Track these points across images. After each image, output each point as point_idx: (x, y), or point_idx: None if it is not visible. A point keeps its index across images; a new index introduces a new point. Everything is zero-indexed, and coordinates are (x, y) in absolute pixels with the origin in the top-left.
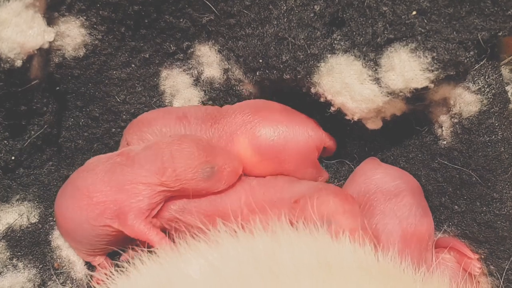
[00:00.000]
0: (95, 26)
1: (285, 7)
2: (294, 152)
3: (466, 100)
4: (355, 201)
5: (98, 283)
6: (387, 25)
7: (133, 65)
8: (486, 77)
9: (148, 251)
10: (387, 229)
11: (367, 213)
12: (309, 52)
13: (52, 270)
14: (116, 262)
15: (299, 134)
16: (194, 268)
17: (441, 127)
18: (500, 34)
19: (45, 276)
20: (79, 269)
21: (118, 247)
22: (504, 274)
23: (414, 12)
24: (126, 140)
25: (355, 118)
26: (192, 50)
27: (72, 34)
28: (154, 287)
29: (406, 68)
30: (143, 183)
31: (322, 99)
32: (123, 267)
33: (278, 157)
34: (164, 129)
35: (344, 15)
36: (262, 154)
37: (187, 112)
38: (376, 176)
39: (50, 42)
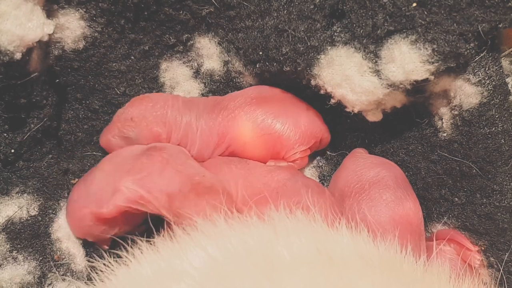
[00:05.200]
0: (94, 18)
1: None
2: (291, 131)
3: (467, 92)
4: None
5: None
6: (387, 17)
7: (132, 57)
8: (487, 69)
9: (147, 241)
10: (375, 214)
11: (353, 202)
12: (309, 44)
13: (52, 262)
14: (116, 252)
15: (300, 117)
16: (194, 258)
17: (441, 119)
18: (500, 25)
19: (45, 269)
20: (79, 261)
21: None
22: (504, 265)
23: (414, 4)
24: (127, 117)
25: (355, 110)
26: (191, 42)
27: (72, 27)
28: (154, 277)
29: (406, 60)
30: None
31: (322, 91)
32: (122, 257)
33: (274, 134)
34: (170, 111)
35: (344, 7)
36: (261, 128)
37: (195, 99)
38: (358, 167)
39: (49, 35)
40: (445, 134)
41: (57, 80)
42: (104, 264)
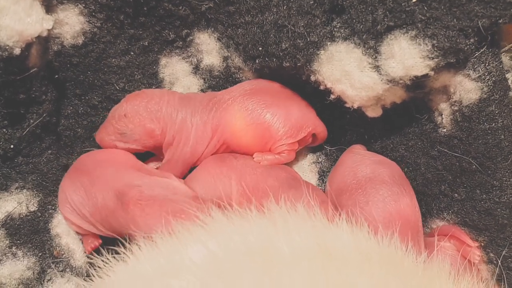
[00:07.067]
0: (93, 13)
1: None
2: (280, 123)
3: (466, 88)
4: None
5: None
6: (387, 12)
7: (132, 53)
8: (487, 64)
9: (146, 237)
10: (371, 209)
11: (350, 197)
12: (308, 39)
13: (51, 258)
14: (114, 248)
15: (291, 110)
16: (194, 253)
17: (441, 114)
18: (500, 21)
19: (44, 264)
20: (78, 257)
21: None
22: (503, 261)
23: None
24: (121, 112)
25: (355, 106)
26: (191, 37)
27: (71, 22)
28: (154, 273)
29: (406, 55)
30: None
31: (322, 87)
32: (120, 253)
33: (264, 124)
34: (165, 108)
35: (344, 3)
36: (251, 117)
37: (191, 95)
38: (354, 163)
39: (48, 30)
40: (445, 130)
41: (56, 76)
42: (102, 261)
